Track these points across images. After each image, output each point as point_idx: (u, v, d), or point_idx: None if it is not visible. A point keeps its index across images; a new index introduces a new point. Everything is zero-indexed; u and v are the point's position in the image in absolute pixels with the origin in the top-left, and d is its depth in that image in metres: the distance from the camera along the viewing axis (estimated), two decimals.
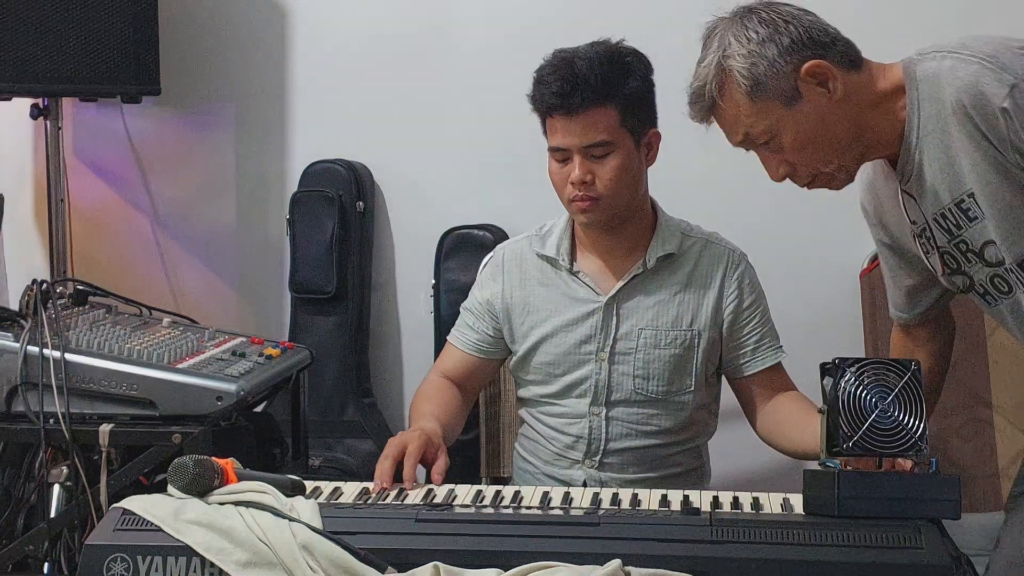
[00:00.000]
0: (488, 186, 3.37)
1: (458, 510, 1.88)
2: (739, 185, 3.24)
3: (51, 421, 2.47)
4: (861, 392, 1.79)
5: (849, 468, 1.81)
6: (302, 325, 3.40)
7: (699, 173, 3.18)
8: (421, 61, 3.37)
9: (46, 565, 2.57)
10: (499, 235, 3.28)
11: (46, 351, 2.49)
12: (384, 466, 2.07)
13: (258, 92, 3.48)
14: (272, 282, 3.51)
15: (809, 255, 3.24)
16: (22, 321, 2.58)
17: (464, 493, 2.00)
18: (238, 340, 2.81)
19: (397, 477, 2.06)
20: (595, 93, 2.23)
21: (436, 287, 3.33)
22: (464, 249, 3.31)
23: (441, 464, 2.13)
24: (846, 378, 1.80)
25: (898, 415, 1.79)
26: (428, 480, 2.12)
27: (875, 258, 3.12)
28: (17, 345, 2.52)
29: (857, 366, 1.80)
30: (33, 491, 2.74)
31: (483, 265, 2.58)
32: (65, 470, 2.54)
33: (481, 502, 1.95)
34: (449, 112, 3.38)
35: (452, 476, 2.13)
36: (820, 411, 1.82)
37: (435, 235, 3.34)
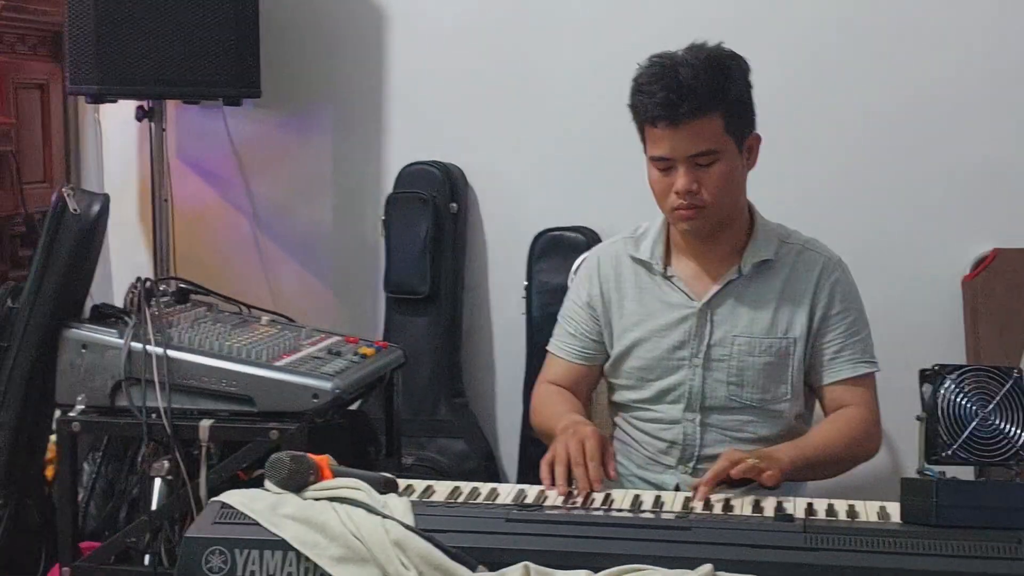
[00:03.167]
0: (580, 188, 3.37)
1: (549, 511, 1.89)
2: (839, 189, 3.21)
3: (153, 416, 2.51)
4: (961, 400, 1.76)
5: (948, 476, 1.78)
6: (396, 325, 3.43)
7: (797, 176, 3.14)
8: (515, 63, 3.38)
9: (147, 556, 2.62)
10: (591, 237, 3.28)
11: (149, 348, 2.54)
12: (575, 470, 2.01)
13: (355, 94, 3.52)
14: (367, 282, 3.55)
15: (911, 260, 3.19)
16: (126, 318, 2.63)
17: (555, 494, 2.00)
18: (334, 339, 2.84)
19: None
20: (701, 102, 2.17)
21: (528, 288, 3.34)
22: (556, 251, 3.31)
23: (613, 464, 2.07)
24: (946, 385, 1.77)
25: (999, 423, 1.75)
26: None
27: (978, 264, 3.08)
28: (121, 341, 2.57)
29: (957, 373, 1.77)
30: (135, 484, 2.80)
31: (574, 269, 2.56)
32: (166, 464, 2.58)
33: (572, 504, 1.95)
34: (542, 114, 3.38)
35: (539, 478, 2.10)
36: (919, 418, 1.79)
37: (527, 237, 3.35)
